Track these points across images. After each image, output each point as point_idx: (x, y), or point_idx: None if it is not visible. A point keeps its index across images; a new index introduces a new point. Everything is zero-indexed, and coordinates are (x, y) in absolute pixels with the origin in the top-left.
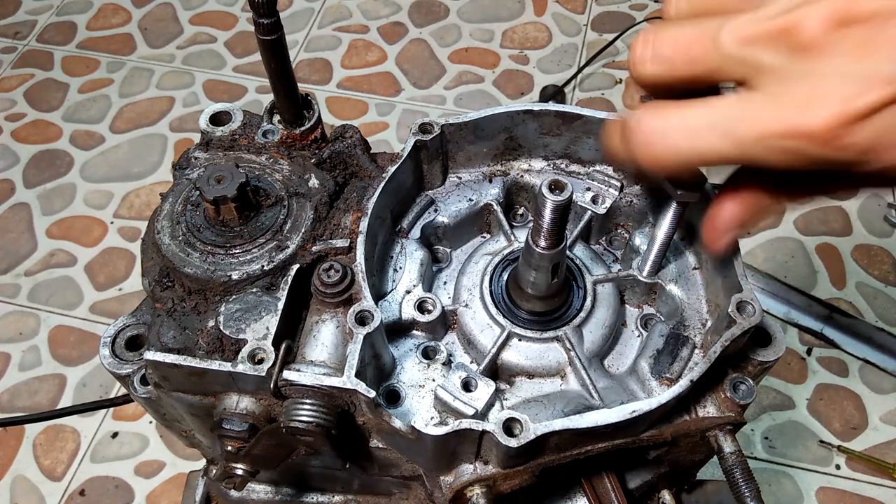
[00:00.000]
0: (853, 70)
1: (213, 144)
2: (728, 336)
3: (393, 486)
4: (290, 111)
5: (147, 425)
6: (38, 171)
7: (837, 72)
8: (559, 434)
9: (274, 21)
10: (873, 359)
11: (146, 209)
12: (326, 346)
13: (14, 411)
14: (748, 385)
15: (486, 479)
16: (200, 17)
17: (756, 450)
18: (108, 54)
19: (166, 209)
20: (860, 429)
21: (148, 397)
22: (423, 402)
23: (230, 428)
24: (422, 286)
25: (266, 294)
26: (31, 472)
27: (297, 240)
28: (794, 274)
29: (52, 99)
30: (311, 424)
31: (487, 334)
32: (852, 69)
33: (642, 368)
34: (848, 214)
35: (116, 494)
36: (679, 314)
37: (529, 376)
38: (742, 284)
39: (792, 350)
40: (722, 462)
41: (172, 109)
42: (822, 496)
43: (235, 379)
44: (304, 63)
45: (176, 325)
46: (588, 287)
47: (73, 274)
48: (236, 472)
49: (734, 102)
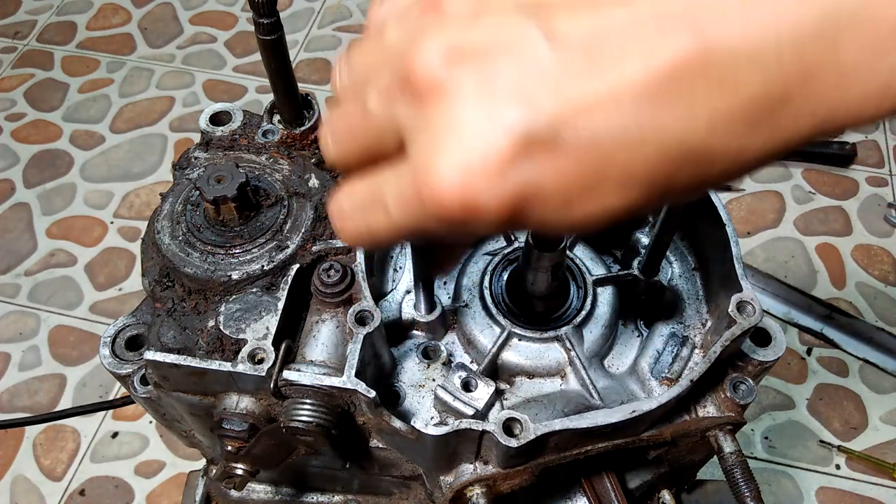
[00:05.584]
0: (476, 118)
1: (213, 144)
2: (728, 336)
3: (393, 486)
4: (290, 111)
5: (147, 425)
6: (38, 171)
7: (459, 122)
8: (559, 434)
9: (274, 21)
10: (873, 359)
11: (146, 209)
12: (326, 346)
13: (14, 411)
14: (748, 385)
15: (486, 479)
16: (200, 17)
17: (756, 450)
18: (108, 54)
19: (166, 209)
20: (860, 429)
21: (148, 397)
22: (423, 402)
23: (230, 428)
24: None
25: (266, 294)
26: (31, 472)
27: (297, 240)
28: (794, 274)
29: (52, 99)
30: (311, 424)
31: (487, 334)
32: (474, 117)
33: (642, 368)
34: (848, 214)
35: (116, 494)
36: (679, 314)
37: (529, 376)
38: (742, 284)
39: (792, 350)
40: (722, 462)
41: (172, 109)
42: (822, 496)
43: (235, 379)
44: (304, 63)
45: (176, 325)
46: (588, 287)
47: (73, 274)
48: (236, 472)
49: (389, 174)
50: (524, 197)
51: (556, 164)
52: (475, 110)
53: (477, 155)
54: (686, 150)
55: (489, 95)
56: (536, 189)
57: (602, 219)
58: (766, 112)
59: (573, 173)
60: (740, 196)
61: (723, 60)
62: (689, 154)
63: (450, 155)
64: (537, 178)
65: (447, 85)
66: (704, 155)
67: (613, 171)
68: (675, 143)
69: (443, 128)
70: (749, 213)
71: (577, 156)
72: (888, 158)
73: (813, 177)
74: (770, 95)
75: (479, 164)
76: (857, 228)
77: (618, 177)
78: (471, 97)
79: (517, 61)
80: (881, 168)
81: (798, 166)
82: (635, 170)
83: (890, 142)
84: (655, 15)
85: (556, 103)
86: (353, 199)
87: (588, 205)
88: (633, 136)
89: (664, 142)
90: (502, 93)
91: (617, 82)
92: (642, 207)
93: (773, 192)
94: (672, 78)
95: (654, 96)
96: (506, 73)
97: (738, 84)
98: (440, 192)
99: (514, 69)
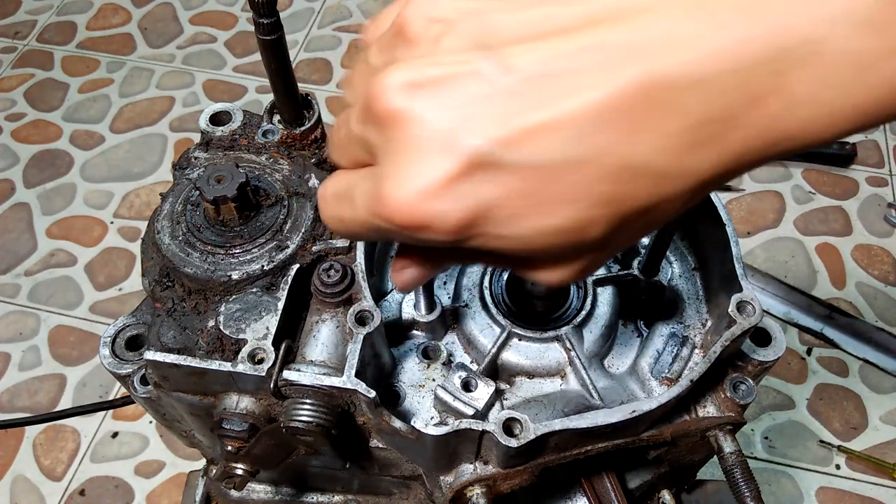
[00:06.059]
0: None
1: (213, 144)
2: (728, 336)
3: (393, 486)
4: (290, 111)
5: (147, 425)
6: (38, 170)
7: (412, 146)
8: (559, 434)
9: (274, 21)
10: (873, 359)
11: (146, 209)
12: (326, 346)
13: (14, 411)
14: (748, 385)
15: (486, 478)
16: (200, 17)
17: (756, 450)
18: (108, 54)
19: (166, 209)
20: (860, 429)
21: (148, 397)
22: (423, 402)
23: (230, 428)
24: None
25: (266, 294)
26: (31, 472)
27: (297, 240)
28: (794, 274)
29: (52, 99)
30: (311, 424)
31: (487, 334)
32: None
33: (642, 368)
34: (848, 214)
35: (116, 494)
36: (679, 314)
37: (529, 376)
38: (742, 284)
39: (792, 350)
40: (722, 462)
41: (172, 109)
42: (822, 496)
43: (235, 379)
44: (304, 63)
45: (176, 325)
46: (588, 287)
47: (73, 274)
48: (236, 472)
49: (362, 175)
50: (474, 213)
51: (503, 182)
52: (428, 136)
53: (426, 177)
54: (629, 169)
55: (441, 121)
56: (485, 207)
57: (561, 236)
58: (711, 133)
59: (518, 191)
60: (740, 196)
61: (665, 89)
62: (633, 172)
63: (403, 176)
64: (485, 195)
65: (404, 114)
66: (650, 173)
67: (559, 189)
68: (617, 162)
69: (399, 151)
70: (749, 213)
71: (522, 175)
72: (888, 158)
73: (813, 177)
74: (713, 118)
75: (428, 185)
76: (857, 228)
77: (564, 194)
78: (424, 124)
79: (469, 91)
80: (881, 168)
81: (798, 166)
82: (580, 188)
83: (890, 142)
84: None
85: (502, 128)
86: (335, 187)
87: (538, 220)
88: (576, 157)
89: (606, 162)
90: (453, 119)
91: (562, 111)
92: (614, 227)
93: (773, 192)
94: (615, 108)
95: (598, 123)
96: (457, 101)
97: (679, 109)
98: (392, 209)
99: (466, 98)
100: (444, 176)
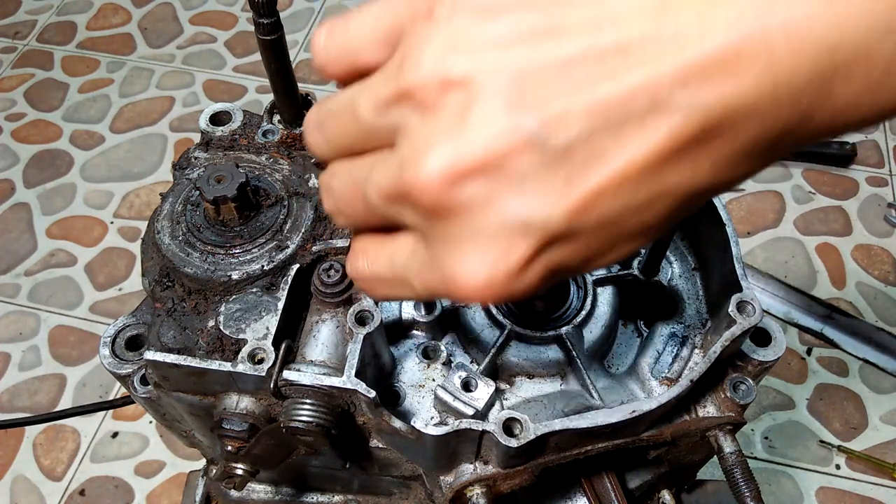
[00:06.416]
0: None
1: (213, 144)
2: (728, 336)
3: (393, 486)
4: (290, 111)
5: (147, 425)
6: (38, 171)
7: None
8: (559, 434)
9: (274, 21)
10: (873, 359)
11: (146, 209)
12: (326, 346)
13: (14, 411)
14: (748, 385)
15: (486, 479)
16: (200, 17)
17: (756, 450)
18: (108, 54)
19: (166, 209)
20: (860, 429)
21: (148, 397)
22: (423, 402)
23: (230, 428)
24: None
25: (266, 294)
26: (31, 472)
27: (297, 240)
28: (794, 274)
29: (52, 99)
30: (311, 424)
31: (487, 334)
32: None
33: (642, 368)
34: (848, 214)
35: (116, 494)
36: (679, 314)
37: (529, 376)
38: (742, 284)
39: (792, 350)
40: (722, 462)
41: (172, 109)
42: (822, 496)
43: (235, 379)
44: (304, 63)
45: (176, 325)
46: (588, 287)
47: (73, 274)
48: (236, 472)
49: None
50: (549, 276)
51: (576, 244)
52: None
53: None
54: (692, 196)
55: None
56: (558, 266)
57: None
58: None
59: (590, 248)
60: (740, 196)
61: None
62: (694, 197)
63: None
64: (559, 258)
65: (461, 207)
66: (708, 193)
67: (626, 232)
68: (681, 194)
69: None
70: (749, 213)
71: (593, 236)
72: (888, 158)
73: (813, 177)
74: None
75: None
76: (857, 228)
77: (631, 234)
78: (487, 214)
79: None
80: (881, 168)
81: (798, 166)
82: (647, 225)
83: (890, 142)
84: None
85: (566, 199)
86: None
87: (606, 260)
88: (641, 203)
89: (671, 198)
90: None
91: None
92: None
93: (773, 192)
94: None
95: (660, 168)
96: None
97: (736, 135)
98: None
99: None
100: (520, 260)
